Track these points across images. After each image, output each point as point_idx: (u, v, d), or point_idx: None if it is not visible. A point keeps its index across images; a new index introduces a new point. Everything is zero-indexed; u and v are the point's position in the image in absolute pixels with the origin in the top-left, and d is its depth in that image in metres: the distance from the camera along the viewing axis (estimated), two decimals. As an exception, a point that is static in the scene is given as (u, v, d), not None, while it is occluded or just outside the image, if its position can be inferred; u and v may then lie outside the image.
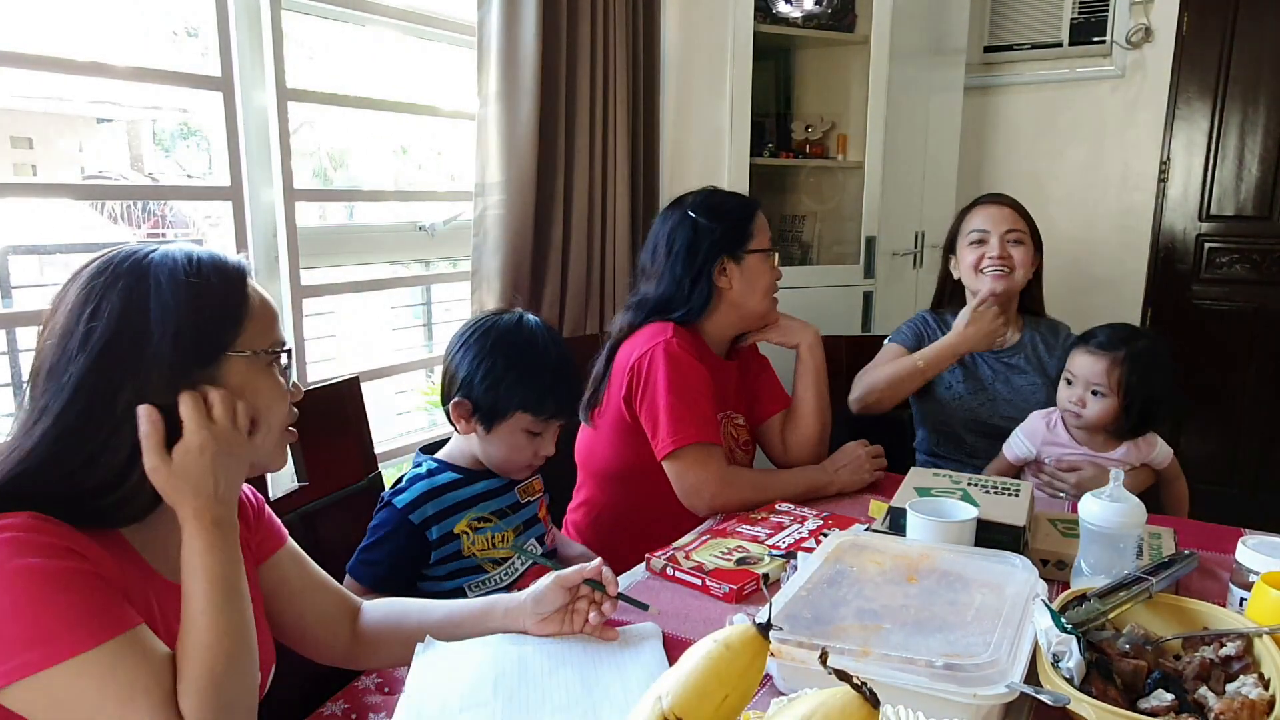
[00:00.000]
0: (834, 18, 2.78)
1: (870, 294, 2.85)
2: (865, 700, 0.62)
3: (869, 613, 0.98)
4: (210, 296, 0.85)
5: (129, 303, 0.82)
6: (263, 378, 0.89)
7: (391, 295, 2.81)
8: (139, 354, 0.81)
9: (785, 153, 2.88)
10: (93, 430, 0.80)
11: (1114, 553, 1.12)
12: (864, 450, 1.69)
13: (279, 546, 1.08)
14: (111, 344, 0.80)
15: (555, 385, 1.39)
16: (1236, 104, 3.03)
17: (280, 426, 0.92)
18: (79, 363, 0.80)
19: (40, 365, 0.83)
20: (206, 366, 0.85)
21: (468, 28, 2.08)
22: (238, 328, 0.87)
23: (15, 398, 1.74)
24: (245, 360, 0.87)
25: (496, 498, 1.43)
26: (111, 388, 0.80)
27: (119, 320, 0.81)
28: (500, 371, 1.36)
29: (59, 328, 0.82)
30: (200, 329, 0.84)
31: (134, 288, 0.82)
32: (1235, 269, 3.12)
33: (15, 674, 0.72)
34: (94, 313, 0.81)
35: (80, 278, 0.84)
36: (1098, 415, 1.64)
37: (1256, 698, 0.83)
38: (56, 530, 0.77)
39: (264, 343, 0.89)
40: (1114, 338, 1.66)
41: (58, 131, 2.50)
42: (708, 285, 1.68)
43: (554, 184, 2.15)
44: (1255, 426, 3.13)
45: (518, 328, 1.41)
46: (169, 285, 0.83)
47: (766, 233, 1.74)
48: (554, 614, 1.08)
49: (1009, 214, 1.92)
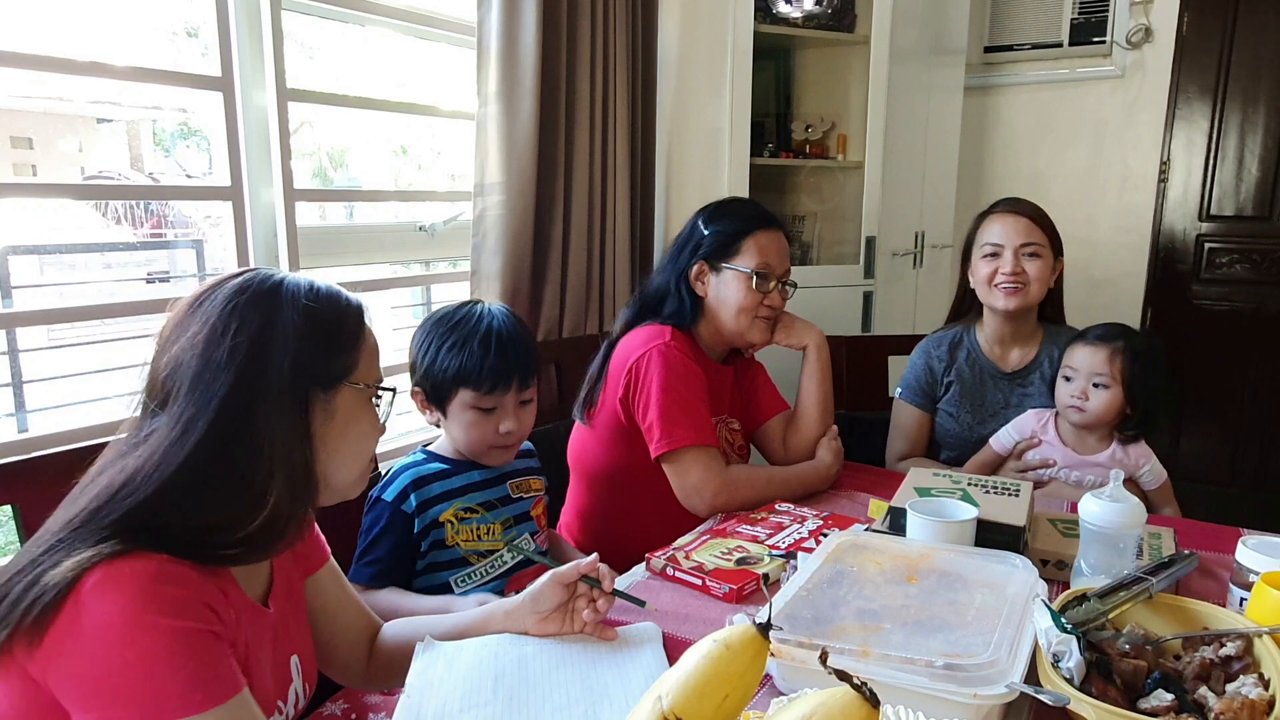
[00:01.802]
0: (834, 18, 2.78)
1: (870, 294, 2.85)
2: (865, 700, 0.62)
3: (869, 613, 0.98)
4: (330, 324, 0.90)
5: (265, 322, 0.85)
6: (365, 411, 0.93)
7: (391, 295, 2.81)
8: (271, 373, 0.84)
9: (785, 153, 2.89)
10: (237, 447, 0.82)
11: (1114, 553, 1.12)
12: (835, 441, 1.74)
13: (323, 562, 1.09)
14: (250, 360, 0.83)
15: (487, 357, 1.36)
16: (1236, 104, 3.03)
17: (369, 459, 0.96)
18: (225, 377, 0.82)
19: (178, 375, 0.83)
20: (325, 391, 0.89)
21: (468, 28, 2.08)
22: (354, 359, 0.91)
23: (14, 397, 1.74)
24: (356, 392, 0.91)
25: (486, 489, 1.43)
26: (250, 404, 0.83)
27: (257, 337, 0.84)
28: (434, 350, 1.37)
29: (202, 339, 0.84)
30: (321, 355, 0.88)
31: (269, 307, 0.86)
32: (1235, 269, 3.13)
33: None
34: (239, 328, 0.84)
35: (219, 292, 0.87)
36: (1102, 408, 1.62)
37: (1256, 698, 0.83)
38: (183, 579, 0.77)
39: (373, 379, 0.93)
40: (1111, 332, 1.66)
41: (58, 132, 2.50)
42: (687, 288, 1.69)
43: (554, 184, 2.15)
44: (1255, 426, 3.13)
45: (459, 309, 1.42)
46: (294, 308, 0.87)
47: (760, 256, 1.65)
48: (554, 613, 1.08)
49: (1025, 225, 1.79)
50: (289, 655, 0.96)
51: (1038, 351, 1.85)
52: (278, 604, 0.95)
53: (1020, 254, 1.78)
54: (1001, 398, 1.86)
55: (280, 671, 0.93)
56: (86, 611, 0.72)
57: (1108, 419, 1.64)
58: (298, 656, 0.97)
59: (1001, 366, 1.87)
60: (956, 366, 1.90)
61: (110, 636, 0.72)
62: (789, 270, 1.73)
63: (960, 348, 1.91)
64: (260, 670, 0.88)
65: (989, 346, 1.89)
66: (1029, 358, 1.86)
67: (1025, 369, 1.86)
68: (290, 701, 0.95)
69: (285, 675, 0.94)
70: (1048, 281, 1.81)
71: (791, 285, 1.73)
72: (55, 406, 1.79)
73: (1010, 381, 1.86)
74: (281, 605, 0.96)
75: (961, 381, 1.88)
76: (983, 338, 1.89)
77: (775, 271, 1.68)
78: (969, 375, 1.88)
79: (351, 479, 0.95)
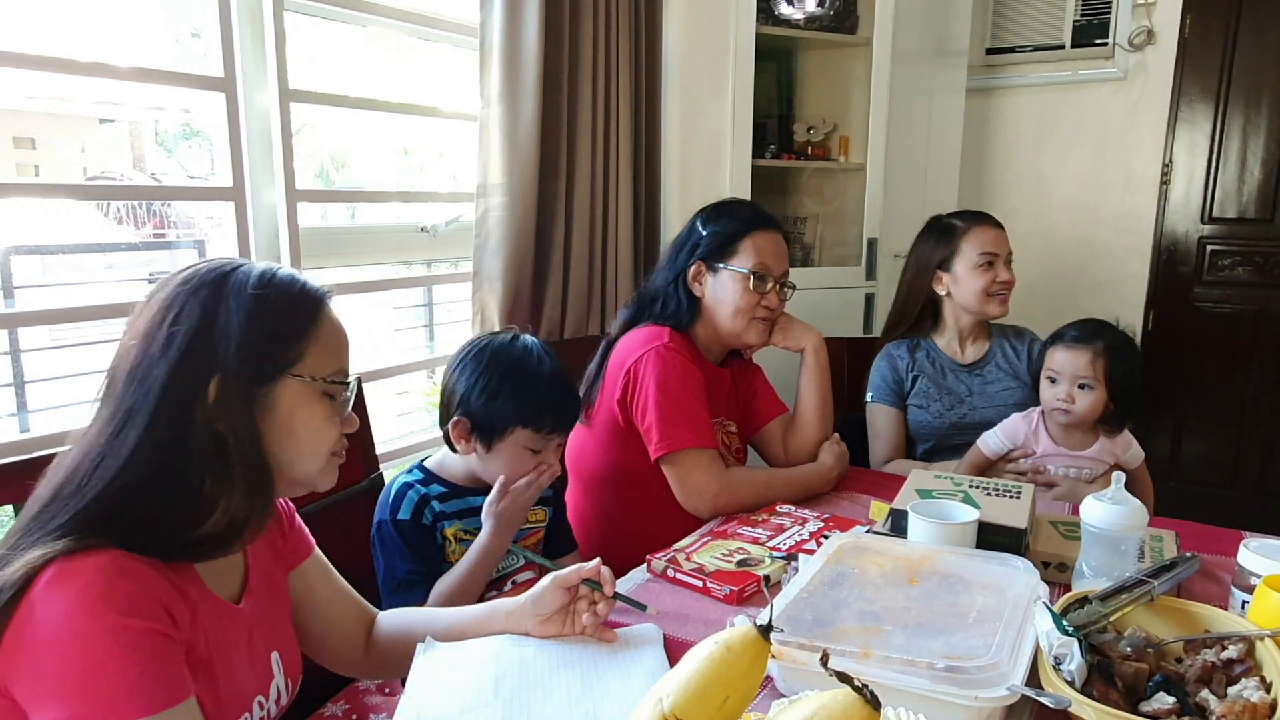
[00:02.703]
0: (836, 19, 2.78)
1: (872, 295, 2.86)
2: (866, 702, 0.62)
3: (870, 614, 0.98)
4: (276, 314, 0.87)
5: (205, 311, 0.84)
6: (315, 404, 0.91)
7: (393, 296, 2.81)
8: (208, 364, 0.83)
9: (787, 154, 2.89)
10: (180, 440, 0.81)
11: (1115, 555, 1.12)
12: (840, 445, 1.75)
13: (307, 555, 1.08)
14: (189, 351, 0.82)
15: (551, 399, 1.38)
16: (1239, 106, 3.02)
17: (324, 453, 0.93)
18: (161, 367, 0.82)
19: (118, 366, 0.84)
20: (265, 383, 0.87)
21: (470, 29, 2.09)
22: (300, 349, 0.89)
23: (16, 397, 1.74)
24: (303, 385, 0.89)
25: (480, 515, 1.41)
26: (191, 396, 0.82)
27: (196, 327, 0.83)
28: (495, 387, 1.35)
29: (140, 330, 0.84)
30: (263, 345, 0.86)
31: (210, 297, 0.85)
32: (1237, 271, 3.12)
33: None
34: (176, 318, 0.83)
35: (168, 284, 0.86)
36: (1088, 409, 1.66)
37: (1258, 701, 0.83)
38: (137, 574, 0.77)
39: (325, 370, 0.91)
40: (1088, 331, 1.69)
41: (60, 132, 2.50)
42: (685, 288, 1.69)
43: (556, 185, 2.15)
44: (1257, 429, 3.13)
45: (511, 345, 1.40)
46: (238, 298, 0.85)
47: (758, 257, 1.65)
48: (554, 615, 1.08)
49: (1004, 236, 1.98)
50: (269, 651, 0.95)
51: (989, 343, 2.04)
52: (254, 600, 0.94)
53: (1007, 262, 1.97)
54: (964, 387, 2.01)
55: (260, 667, 0.93)
56: (38, 610, 0.72)
57: (1094, 417, 1.68)
58: (279, 653, 0.97)
59: (960, 361, 2.03)
60: (919, 364, 2.03)
61: (61, 634, 0.72)
62: (787, 272, 1.72)
63: (919, 350, 2.05)
64: (232, 667, 0.87)
65: (948, 345, 2.05)
66: (983, 350, 2.04)
67: (981, 360, 2.03)
68: (272, 697, 0.94)
69: (266, 671, 0.94)
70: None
71: (790, 287, 1.73)
72: (57, 407, 1.79)
73: (969, 372, 2.02)
74: (258, 601, 0.95)
75: (925, 375, 2.01)
76: (941, 341, 2.05)
77: (773, 272, 1.68)
78: (931, 370, 2.02)
79: (312, 471, 0.93)
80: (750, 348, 1.79)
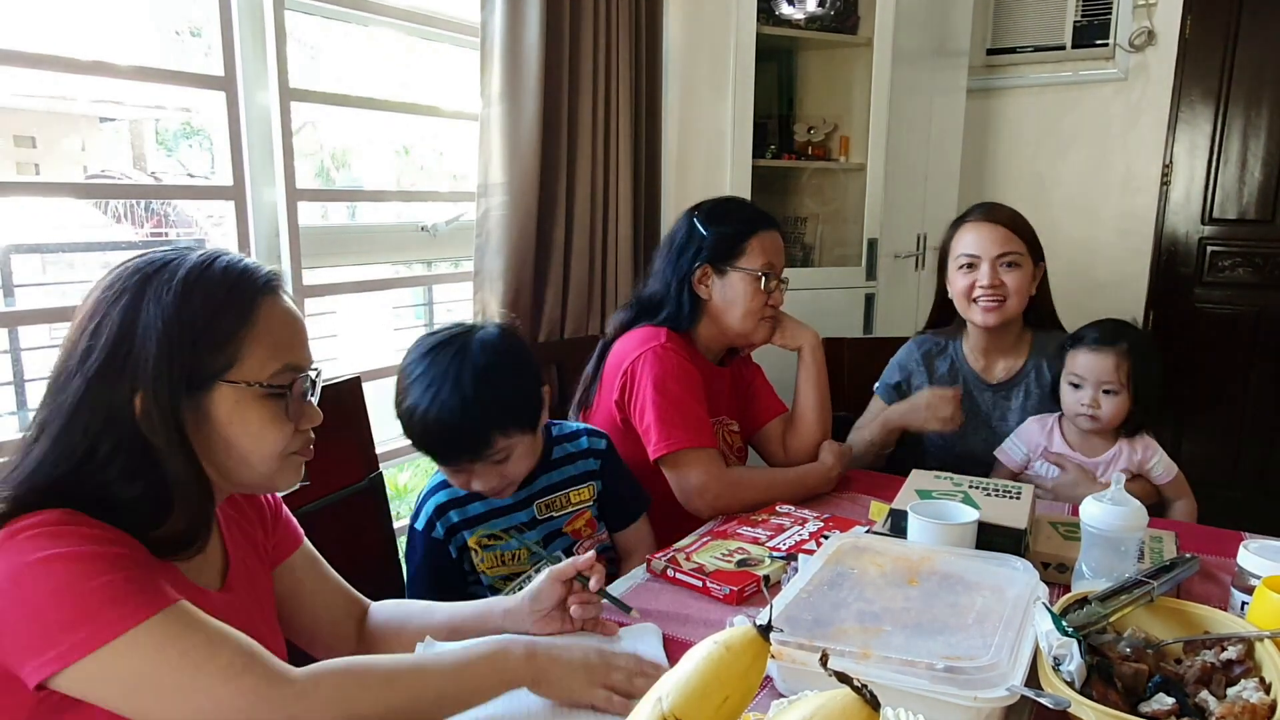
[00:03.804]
0: (837, 19, 2.78)
1: (872, 296, 2.85)
2: (865, 702, 0.62)
3: (870, 615, 0.98)
4: (199, 319, 0.81)
5: (125, 320, 0.79)
6: (254, 408, 0.84)
7: (393, 295, 2.81)
8: (132, 377, 0.78)
9: (787, 154, 2.89)
10: (87, 453, 0.77)
11: (1115, 556, 1.12)
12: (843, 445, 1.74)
13: (295, 548, 1.07)
14: (107, 364, 0.78)
15: (426, 440, 1.30)
16: (1239, 107, 3.02)
17: (272, 457, 0.87)
18: (77, 381, 0.78)
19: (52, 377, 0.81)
20: (194, 393, 0.81)
21: (471, 28, 2.09)
22: (232, 353, 0.83)
23: (16, 396, 1.75)
24: (236, 390, 0.83)
25: (510, 514, 1.39)
26: (107, 411, 0.78)
27: (115, 338, 0.78)
28: (398, 403, 1.31)
29: (69, 340, 0.80)
30: (184, 355, 0.80)
31: (130, 304, 0.79)
32: (1238, 272, 3.12)
33: (63, 659, 0.70)
34: (96, 329, 0.79)
35: (97, 287, 0.82)
36: (1113, 414, 1.61)
37: (1258, 702, 0.83)
38: (90, 521, 0.75)
39: (265, 371, 0.84)
40: (1109, 332, 1.63)
41: (61, 131, 2.50)
42: (689, 291, 1.68)
43: (557, 185, 2.15)
44: (1257, 429, 3.13)
45: (428, 362, 1.31)
46: (158, 304, 0.79)
47: (764, 256, 1.66)
48: (553, 612, 1.08)
49: (1002, 235, 1.72)
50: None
51: (1025, 362, 1.81)
52: (234, 592, 0.92)
53: (998, 265, 1.71)
54: (989, 408, 1.83)
55: None
56: None
57: (1118, 422, 1.63)
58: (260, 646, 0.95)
59: (986, 378, 1.84)
60: (936, 374, 1.86)
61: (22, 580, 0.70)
62: (784, 267, 1.74)
63: (942, 358, 1.87)
64: None
65: (974, 357, 1.85)
66: (1015, 368, 1.82)
67: (1010, 380, 1.82)
68: None
69: None
70: (1028, 291, 1.75)
71: (785, 282, 1.74)
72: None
73: (994, 393, 1.83)
74: (239, 594, 0.93)
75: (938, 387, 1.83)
76: (968, 348, 1.86)
77: (776, 271, 1.69)
78: (948, 383, 1.82)
79: (261, 476, 0.88)
80: (754, 345, 1.79)
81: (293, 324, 0.88)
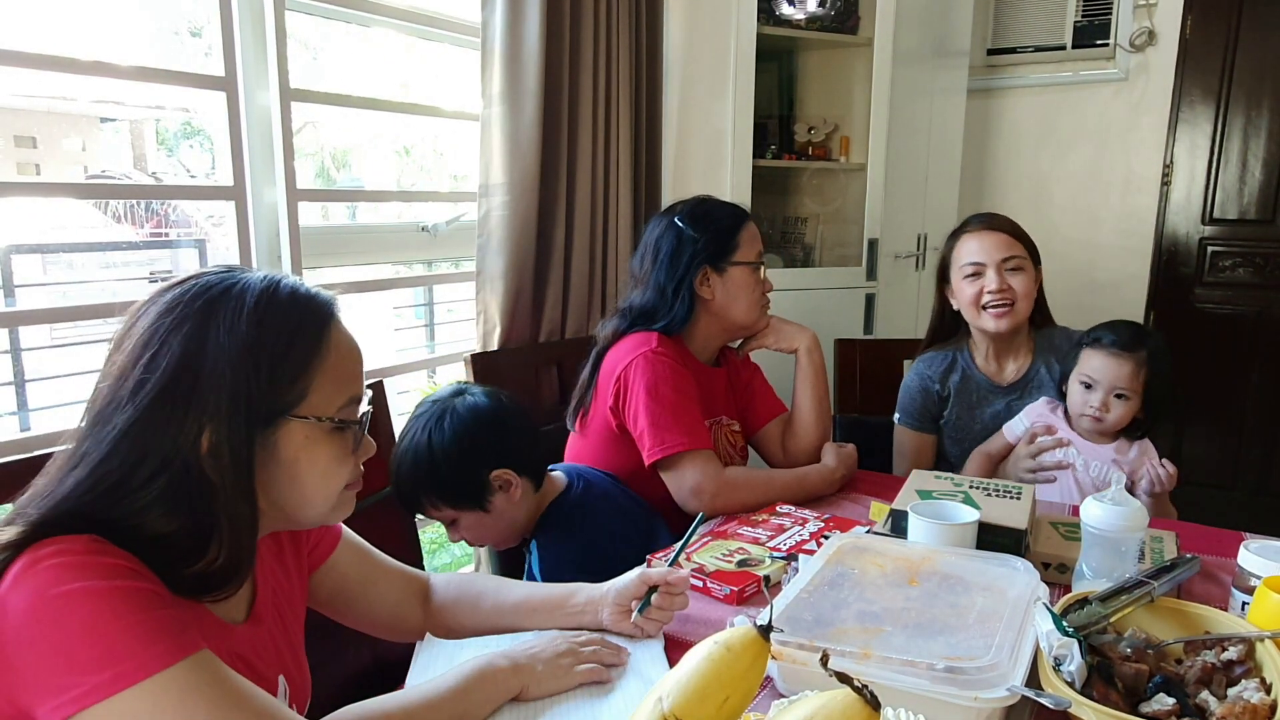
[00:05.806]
0: (837, 20, 2.78)
1: (872, 296, 2.85)
2: (866, 703, 0.62)
3: (870, 615, 0.98)
4: (275, 349, 0.76)
5: (189, 350, 0.74)
6: (323, 444, 0.81)
7: (394, 295, 2.81)
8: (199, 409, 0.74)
9: (788, 155, 2.89)
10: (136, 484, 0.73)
11: (1116, 556, 1.12)
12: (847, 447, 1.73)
13: (333, 547, 1.05)
14: (164, 396, 0.73)
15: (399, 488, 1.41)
16: (1240, 107, 3.02)
17: (335, 494, 0.84)
18: (127, 413, 0.72)
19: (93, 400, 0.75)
20: (264, 430, 0.77)
21: (471, 28, 2.08)
22: (304, 386, 0.79)
23: (16, 396, 1.75)
24: (306, 425, 0.79)
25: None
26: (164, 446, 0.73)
27: (176, 368, 0.73)
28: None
29: (116, 367, 0.74)
30: (260, 388, 0.75)
31: (195, 332, 0.74)
32: (1238, 273, 3.12)
33: (82, 700, 0.66)
34: (152, 359, 0.73)
35: (152, 309, 0.76)
36: (1120, 419, 1.61)
37: (1258, 702, 0.83)
38: (115, 550, 0.71)
39: (332, 406, 0.81)
40: (1128, 337, 1.61)
41: (61, 131, 2.50)
42: (690, 294, 1.67)
43: (557, 185, 2.15)
44: (1258, 430, 3.13)
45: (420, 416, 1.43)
46: (232, 334, 0.74)
47: (755, 245, 1.72)
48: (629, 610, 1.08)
49: (1004, 240, 1.75)
50: (275, 675, 0.90)
51: (1032, 361, 1.83)
52: (258, 625, 0.89)
53: (1003, 270, 1.74)
54: (1004, 410, 1.83)
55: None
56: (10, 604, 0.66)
57: (1123, 426, 1.63)
58: (284, 677, 0.91)
59: (998, 382, 1.85)
60: (950, 386, 1.86)
61: (44, 615, 0.66)
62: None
63: (953, 372, 1.87)
64: None
65: (984, 363, 1.86)
66: (1024, 369, 1.83)
67: (1021, 380, 1.83)
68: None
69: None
70: (1034, 295, 1.77)
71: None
72: (57, 405, 1.79)
73: (1007, 395, 1.84)
74: (264, 626, 0.89)
75: (959, 402, 1.84)
76: (977, 355, 1.87)
77: (761, 257, 1.75)
78: (964, 394, 1.85)
79: (319, 514, 0.85)
80: (755, 332, 1.80)
81: (356, 350, 0.85)
